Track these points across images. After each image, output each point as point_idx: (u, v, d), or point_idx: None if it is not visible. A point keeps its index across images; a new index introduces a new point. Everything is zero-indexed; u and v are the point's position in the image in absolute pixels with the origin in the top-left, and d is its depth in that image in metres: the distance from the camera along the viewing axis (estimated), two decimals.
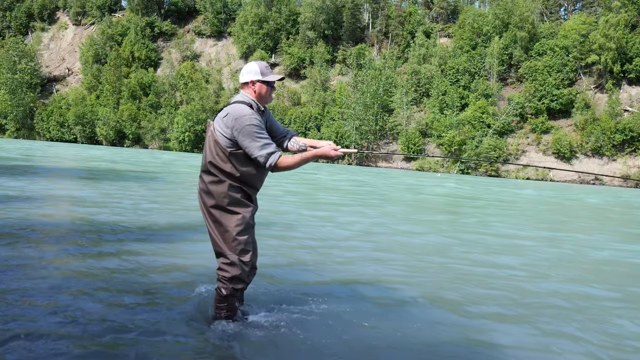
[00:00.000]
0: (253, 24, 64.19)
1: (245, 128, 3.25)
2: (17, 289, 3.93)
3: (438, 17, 63.75)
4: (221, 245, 3.34)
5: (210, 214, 3.38)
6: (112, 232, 6.57)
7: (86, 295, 3.89)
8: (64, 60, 76.67)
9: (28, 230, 6.23)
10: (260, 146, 3.26)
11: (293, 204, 11.60)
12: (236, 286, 3.37)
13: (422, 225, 9.75)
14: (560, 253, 7.53)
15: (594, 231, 10.83)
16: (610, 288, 5.44)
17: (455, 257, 6.56)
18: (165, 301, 3.93)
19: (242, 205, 3.37)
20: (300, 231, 7.73)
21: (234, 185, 3.35)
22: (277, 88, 62.02)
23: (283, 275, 4.95)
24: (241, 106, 3.35)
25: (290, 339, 3.37)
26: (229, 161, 3.32)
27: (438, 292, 4.77)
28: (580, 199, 22.63)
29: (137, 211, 8.56)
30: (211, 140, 3.37)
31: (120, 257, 5.21)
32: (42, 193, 10.17)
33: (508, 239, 8.55)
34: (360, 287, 4.75)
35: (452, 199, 17.63)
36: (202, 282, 4.36)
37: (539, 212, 14.80)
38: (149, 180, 15.63)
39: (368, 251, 6.62)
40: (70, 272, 4.49)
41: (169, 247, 5.90)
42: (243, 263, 3.35)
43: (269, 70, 3.47)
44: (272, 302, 4.00)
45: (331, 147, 3.39)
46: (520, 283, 5.39)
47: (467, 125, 49.33)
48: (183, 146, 59.11)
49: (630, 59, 48.32)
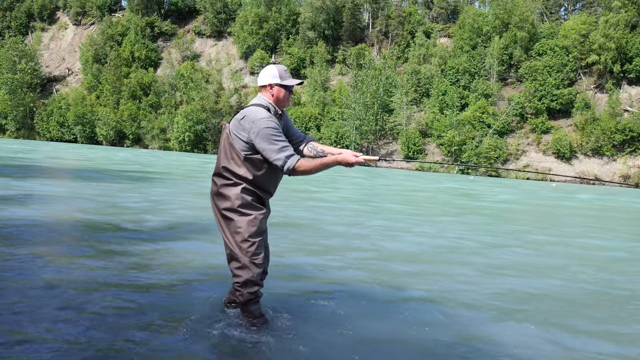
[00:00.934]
0: (253, 24, 64.22)
1: (262, 131, 3.21)
2: (16, 289, 3.92)
3: (438, 17, 63.77)
4: (232, 248, 3.32)
5: (223, 216, 3.36)
6: (112, 233, 6.56)
7: (86, 296, 3.89)
8: (64, 60, 76.70)
9: (28, 231, 6.23)
10: (278, 149, 3.22)
11: (354, 212, 10.66)
12: (251, 290, 3.35)
13: (528, 241, 8.52)
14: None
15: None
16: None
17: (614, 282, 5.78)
18: (166, 301, 3.92)
19: (254, 208, 3.35)
20: (396, 249, 6.77)
21: (248, 188, 3.33)
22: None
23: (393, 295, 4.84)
24: (258, 109, 3.32)
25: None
26: (243, 165, 3.29)
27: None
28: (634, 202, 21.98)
29: (137, 211, 8.56)
30: (226, 143, 3.34)
31: (120, 257, 5.21)
32: (42, 193, 10.17)
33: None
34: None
35: (522, 206, 16.62)
36: (202, 282, 4.36)
37: (629, 221, 14.15)
38: (148, 180, 15.64)
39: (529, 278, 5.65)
40: (70, 272, 4.49)
41: (169, 247, 5.90)
42: (255, 265, 3.32)
43: (287, 74, 3.44)
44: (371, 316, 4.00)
45: (352, 153, 3.33)
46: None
47: (467, 125, 49.33)
48: (183, 146, 59.11)
49: (630, 59, 48.34)
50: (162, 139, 61.75)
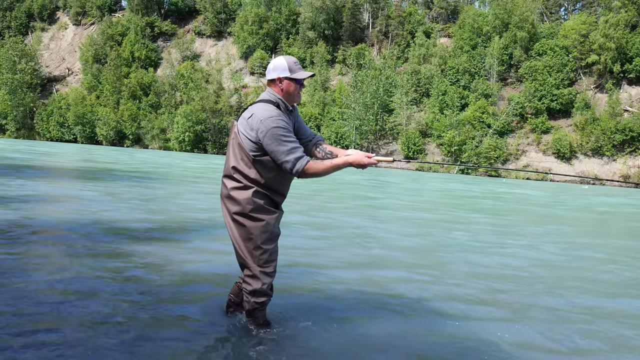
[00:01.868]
0: (253, 24, 64.23)
1: (270, 131, 3.03)
2: (16, 289, 3.92)
3: (438, 17, 63.79)
4: (244, 256, 3.18)
5: (234, 220, 3.17)
6: (113, 232, 6.56)
7: (86, 296, 3.89)
8: (64, 60, 76.71)
9: (28, 231, 6.23)
10: (287, 151, 3.04)
11: (438, 226, 9.54)
12: (258, 300, 3.22)
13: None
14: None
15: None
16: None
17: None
18: (166, 302, 3.92)
19: (266, 212, 3.17)
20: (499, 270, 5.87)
21: (260, 191, 3.15)
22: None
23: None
24: (267, 106, 3.13)
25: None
26: (253, 167, 3.12)
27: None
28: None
29: (137, 211, 8.56)
30: (235, 143, 3.17)
31: (120, 257, 5.21)
32: (42, 193, 10.17)
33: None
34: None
35: (598, 215, 15.42)
36: (202, 282, 4.35)
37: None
38: (149, 180, 15.63)
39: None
40: (70, 273, 4.49)
41: (169, 247, 5.90)
42: (266, 275, 3.18)
43: (298, 67, 3.20)
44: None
45: (364, 154, 3.16)
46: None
47: (467, 125, 49.34)
48: (183, 146, 59.12)
49: (630, 59, 48.34)
50: (162, 139, 61.77)
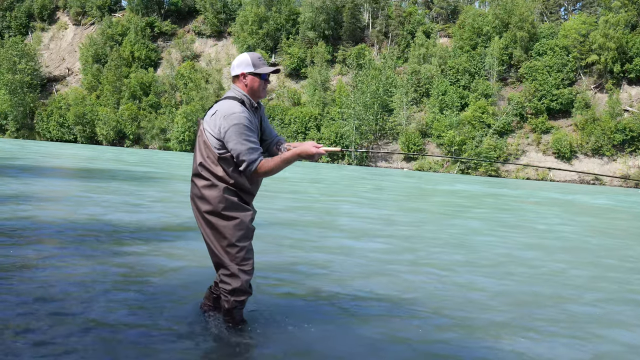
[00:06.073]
0: (253, 24, 64.22)
1: (232, 128, 2.99)
2: (16, 289, 3.93)
3: (438, 17, 63.79)
4: (219, 255, 3.11)
5: (206, 220, 3.11)
6: (113, 232, 6.56)
7: (86, 296, 3.89)
8: (64, 60, 76.70)
9: (27, 230, 6.23)
10: (246, 150, 3.01)
11: (498, 234, 8.72)
12: (238, 298, 3.16)
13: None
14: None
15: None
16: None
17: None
18: (166, 302, 3.92)
19: (240, 209, 3.11)
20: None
21: (230, 188, 3.10)
22: (277, 88, 62.06)
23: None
24: (231, 102, 3.09)
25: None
26: (219, 165, 3.07)
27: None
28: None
29: (137, 211, 8.56)
30: (201, 141, 3.13)
31: (120, 257, 5.21)
32: (42, 193, 10.17)
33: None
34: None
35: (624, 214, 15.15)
36: (201, 282, 4.35)
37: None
38: (149, 179, 15.64)
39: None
40: (70, 273, 4.49)
41: (169, 247, 5.90)
42: (244, 272, 3.12)
43: (262, 62, 3.17)
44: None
45: (312, 144, 3.10)
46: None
47: (467, 125, 49.36)
48: (183, 146, 59.15)
49: (630, 58, 48.36)
50: (162, 139, 61.79)
